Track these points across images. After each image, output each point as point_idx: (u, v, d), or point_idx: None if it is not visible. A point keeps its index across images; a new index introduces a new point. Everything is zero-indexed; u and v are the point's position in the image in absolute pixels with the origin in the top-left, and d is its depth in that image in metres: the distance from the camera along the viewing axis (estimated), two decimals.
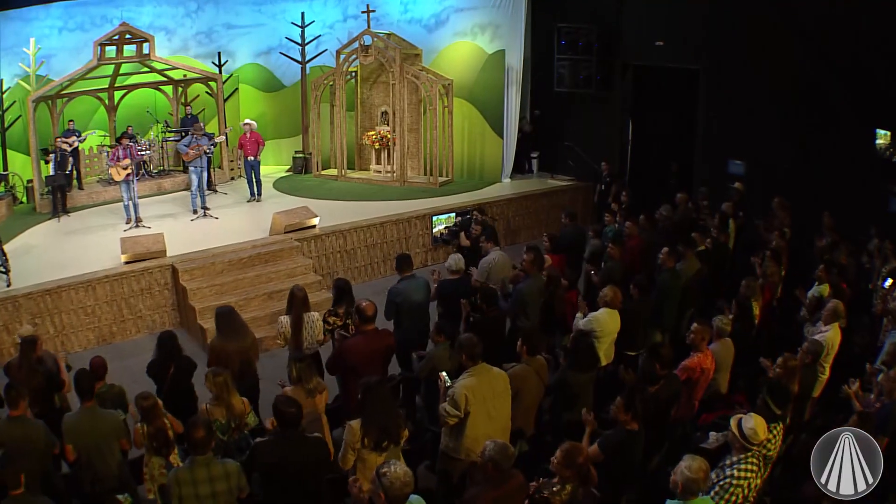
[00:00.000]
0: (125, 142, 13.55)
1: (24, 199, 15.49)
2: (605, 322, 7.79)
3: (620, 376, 7.36)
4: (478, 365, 6.07)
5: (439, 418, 6.09)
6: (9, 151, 15.42)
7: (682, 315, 9.02)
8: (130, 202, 13.35)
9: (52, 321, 10.87)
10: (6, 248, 12.30)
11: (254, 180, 15.03)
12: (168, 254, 11.62)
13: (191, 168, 13.90)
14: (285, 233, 12.49)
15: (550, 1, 16.07)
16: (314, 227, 12.84)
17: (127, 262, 11.36)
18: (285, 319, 7.90)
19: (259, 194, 15.18)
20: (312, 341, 7.86)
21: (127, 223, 13.38)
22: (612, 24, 15.33)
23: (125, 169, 13.12)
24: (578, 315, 8.09)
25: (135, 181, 13.33)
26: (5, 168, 15.31)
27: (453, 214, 13.87)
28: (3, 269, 11.06)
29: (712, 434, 6.46)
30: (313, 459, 5.56)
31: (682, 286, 8.93)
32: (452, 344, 6.95)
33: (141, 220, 13.32)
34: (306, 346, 7.81)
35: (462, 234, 11.36)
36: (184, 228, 13.38)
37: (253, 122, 15.42)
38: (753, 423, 5.17)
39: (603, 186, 14.84)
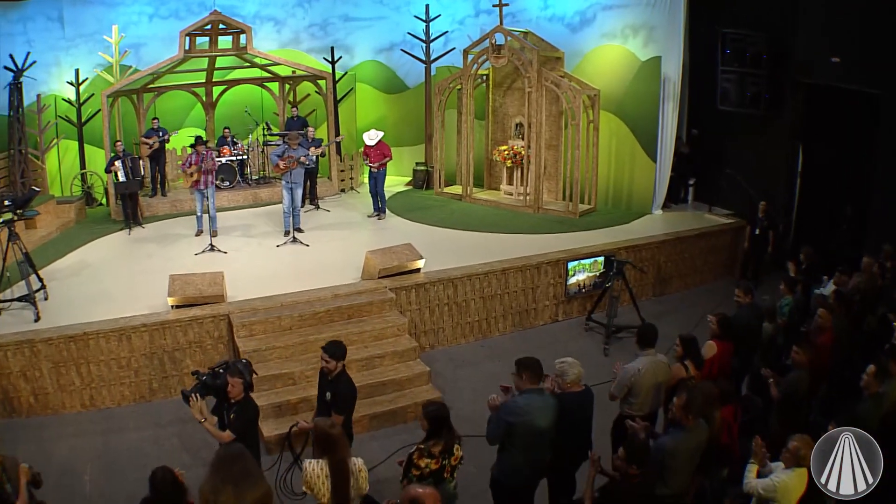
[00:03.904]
0: (200, 149, 10.90)
1: (104, 201, 13.09)
2: (791, 490, 4.76)
3: None
4: None
5: None
6: (88, 147, 13.00)
7: None
8: (205, 214, 11.18)
9: (79, 371, 8.13)
10: (56, 264, 10.20)
11: (377, 194, 12.53)
12: (228, 296, 8.53)
13: (282, 182, 11.13)
14: (380, 278, 9.09)
15: (714, 1, 12.46)
16: (418, 270, 9.42)
17: (175, 307, 8.27)
18: (314, 467, 4.54)
19: (383, 210, 12.65)
20: (354, 495, 4.69)
21: (196, 235, 11.39)
22: (785, 34, 11.60)
23: (191, 176, 10.82)
24: (751, 468, 4.97)
25: (209, 191, 11.02)
26: (83, 166, 12.74)
27: (601, 259, 10.16)
28: (31, 301, 8.32)
29: None
30: None
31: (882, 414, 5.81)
32: None
33: (215, 234, 11.03)
34: None
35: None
36: (263, 255, 10.64)
37: (374, 132, 12.46)
38: None
39: (758, 231, 11.35)
